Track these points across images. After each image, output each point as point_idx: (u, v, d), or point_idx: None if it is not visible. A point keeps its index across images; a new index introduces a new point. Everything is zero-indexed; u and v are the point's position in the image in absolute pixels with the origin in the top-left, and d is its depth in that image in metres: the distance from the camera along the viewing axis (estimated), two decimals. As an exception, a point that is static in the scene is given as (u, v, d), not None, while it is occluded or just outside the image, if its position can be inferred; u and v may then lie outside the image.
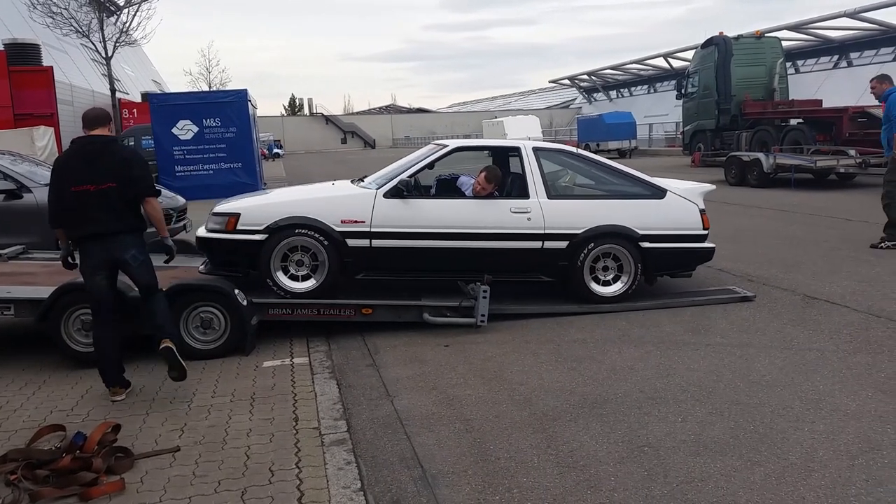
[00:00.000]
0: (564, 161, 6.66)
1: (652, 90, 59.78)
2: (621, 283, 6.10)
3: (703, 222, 6.22)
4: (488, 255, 5.89)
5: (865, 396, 3.99)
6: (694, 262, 6.39)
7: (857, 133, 15.82)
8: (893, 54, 39.22)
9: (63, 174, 4.34)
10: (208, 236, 5.78)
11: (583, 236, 5.94)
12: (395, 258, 5.81)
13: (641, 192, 6.27)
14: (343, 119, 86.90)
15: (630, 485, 3.15)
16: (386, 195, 5.79)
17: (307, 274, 5.65)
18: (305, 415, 3.97)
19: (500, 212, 5.93)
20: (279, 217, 5.60)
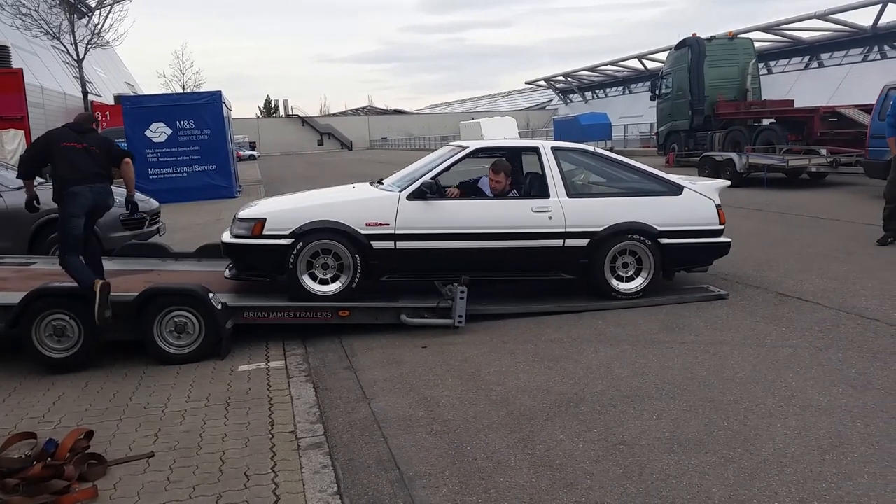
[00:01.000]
0: (583, 160, 6.74)
1: (627, 91, 60.26)
2: (641, 278, 6.19)
3: (719, 217, 6.33)
4: (511, 254, 5.99)
5: (836, 392, 4.05)
6: (711, 256, 6.49)
7: (828, 133, 16.07)
8: (862, 55, 39.94)
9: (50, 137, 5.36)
10: (235, 242, 5.80)
11: (603, 234, 6.04)
12: (420, 259, 5.88)
13: (659, 189, 6.37)
14: (319, 121, 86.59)
15: (606, 483, 3.17)
16: (409, 197, 5.86)
17: (333, 276, 5.71)
18: (281, 419, 3.95)
19: (522, 211, 6.01)
20: (305, 221, 5.65)
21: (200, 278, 5.88)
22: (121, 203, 6.60)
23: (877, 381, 4.18)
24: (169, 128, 17.66)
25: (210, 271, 6.70)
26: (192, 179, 17.94)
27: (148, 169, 17.52)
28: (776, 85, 37.96)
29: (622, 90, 61.61)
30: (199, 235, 10.64)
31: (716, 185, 6.60)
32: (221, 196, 17.97)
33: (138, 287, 5.17)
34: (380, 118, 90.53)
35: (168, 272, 6.56)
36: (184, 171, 17.93)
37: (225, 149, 18.45)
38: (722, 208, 6.39)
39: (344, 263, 5.70)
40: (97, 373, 4.87)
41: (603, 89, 65.15)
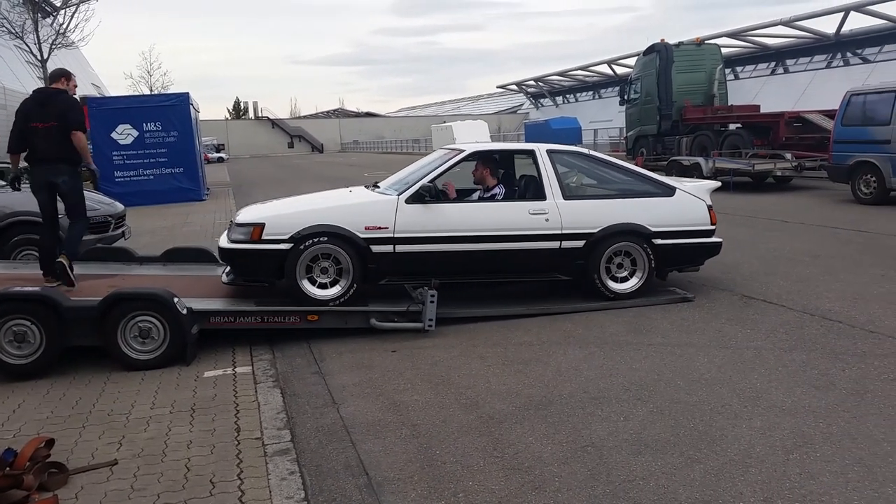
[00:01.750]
0: (578, 162, 6.81)
1: (597, 96, 60.84)
2: (636, 278, 6.29)
3: (710, 218, 6.46)
4: (509, 256, 6.04)
5: (800, 393, 4.11)
6: (703, 256, 6.60)
7: (793, 137, 16.35)
8: (826, 61, 40.82)
9: (22, 113, 5.87)
10: (233, 247, 5.75)
11: (598, 235, 6.13)
12: (419, 262, 5.89)
13: (652, 191, 6.48)
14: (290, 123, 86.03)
15: (574, 485, 3.18)
16: (408, 201, 5.89)
17: (332, 281, 5.72)
18: (248, 425, 3.90)
19: (519, 214, 6.08)
20: (305, 225, 5.65)
21: (166, 283, 5.80)
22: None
23: (839, 381, 4.25)
24: (135, 130, 17.40)
25: (176, 275, 6.62)
26: (158, 182, 17.70)
27: (114, 172, 17.25)
28: (743, 90, 38.63)
29: (592, 95, 62.18)
30: (166, 239, 10.49)
31: (707, 187, 6.74)
32: (189, 199, 17.76)
33: (102, 292, 5.07)
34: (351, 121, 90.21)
35: (133, 276, 6.45)
36: (150, 174, 17.69)
37: (192, 151, 18.23)
38: (713, 209, 6.52)
39: (343, 267, 5.71)
40: (60, 379, 4.77)
41: (573, 94, 65.69)
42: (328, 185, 23.66)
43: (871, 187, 12.10)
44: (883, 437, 3.49)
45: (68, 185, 5.95)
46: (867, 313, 5.60)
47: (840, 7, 35.93)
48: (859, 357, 4.65)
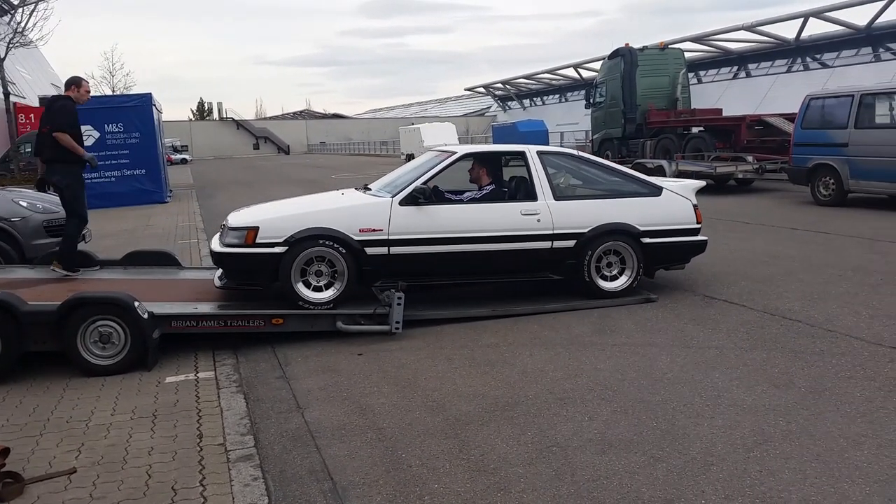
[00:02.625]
0: (567, 163, 6.89)
1: (563, 99, 61.37)
2: (625, 277, 6.40)
3: (696, 217, 6.61)
4: (502, 256, 6.11)
5: (760, 391, 4.18)
6: (689, 254, 6.73)
7: (755, 140, 16.67)
8: (787, 66, 41.69)
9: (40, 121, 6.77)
10: (226, 251, 5.72)
11: (589, 235, 6.24)
12: (413, 264, 5.93)
13: (640, 191, 6.60)
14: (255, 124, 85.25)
15: (539, 485, 3.19)
16: (402, 203, 5.93)
17: (327, 284, 5.72)
18: (210, 431, 3.84)
19: (511, 214, 6.15)
20: (299, 229, 5.64)
21: (127, 286, 5.70)
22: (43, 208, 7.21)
23: (798, 379, 4.34)
24: (97, 131, 17.08)
25: (137, 279, 6.52)
26: (120, 184, 17.41)
27: (74, 173, 16.87)
28: (706, 94, 39.29)
29: (559, 98, 62.71)
30: (127, 242, 10.31)
31: (692, 186, 6.88)
32: (151, 201, 17.50)
33: (61, 296, 4.97)
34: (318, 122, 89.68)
35: (93, 280, 6.33)
36: (112, 176, 17.39)
37: (155, 153, 17.96)
38: (698, 208, 6.66)
39: (338, 270, 5.71)
40: (16, 386, 4.65)
41: (540, 97, 66.16)
42: (295, 187, 23.57)
43: (830, 189, 12.38)
44: (840, 434, 3.57)
45: (62, 182, 6.70)
46: (825, 313, 5.73)
47: (800, 13, 36.76)
48: (818, 355, 4.75)
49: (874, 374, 4.35)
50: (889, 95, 12.03)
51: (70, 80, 6.89)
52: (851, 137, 11.87)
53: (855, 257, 7.87)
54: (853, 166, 11.84)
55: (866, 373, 4.38)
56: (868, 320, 5.46)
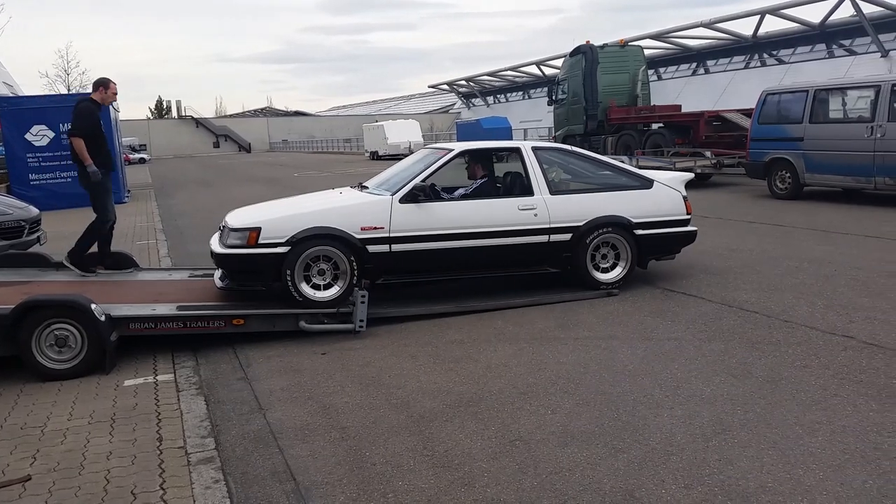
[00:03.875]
0: (561, 158, 7.04)
1: (527, 96, 61.70)
2: (620, 268, 6.55)
3: (686, 208, 6.79)
4: (501, 251, 6.22)
5: (719, 381, 4.26)
6: (680, 244, 6.91)
7: (713, 136, 16.91)
8: (745, 62, 42.49)
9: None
10: (229, 252, 5.72)
11: (584, 228, 6.37)
12: (414, 261, 6.02)
13: (632, 184, 6.74)
14: (215, 122, 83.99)
15: (502, 479, 3.21)
16: (402, 200, 5.99)
17: (329, 283, 5.76)
18: (170, 434, 3.79)
19: (509, 210, 6.25)
20: (301, 228, 5.68)
21: (83, 289, 5.58)
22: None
23: (755, 369, 4.43)
24: (52, 131, 16.70)
25: (94, 281, 6.38)
26: (76, 185, 16.78)
27: (29, 174, 16.52)
28: (666, 90, 39.84)
29: (522, 95, 63.02)
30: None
31: (681, 178, 7.07)
32: (110, 202, 17.11)
33: (15, 299, 4.85)
34: (280, 119, 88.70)
35: (48, 283, 6.19)
36: (68, 176, 16.93)
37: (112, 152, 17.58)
38: (688, 199, 6.83)
39: (340, 268, 5.76)
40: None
41: (504, 94, 66.42)
42: (257, 186, 23.31)
43: (786, 183, 12.63)
44: (795, 422, 3.65)
45: (82, 183, 6.92)
46: (782, 303, 5.85)
47: (756, 10, 37.46)
48: (774, 345, 4.85)
49: (828, 363, 4.45)
50: (842, 91, 12.34)
51: (98, 81, 6.95)
52: (806, 132, 12.13)
53: (810, 249, 8.05)
54: (808, 160, 12.10)
55: (821, 361, 4.49)
56: (823, 310, 5.59)
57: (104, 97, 6.94)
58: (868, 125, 10.97)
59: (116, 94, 7.12)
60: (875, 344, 4.74)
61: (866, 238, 8.59)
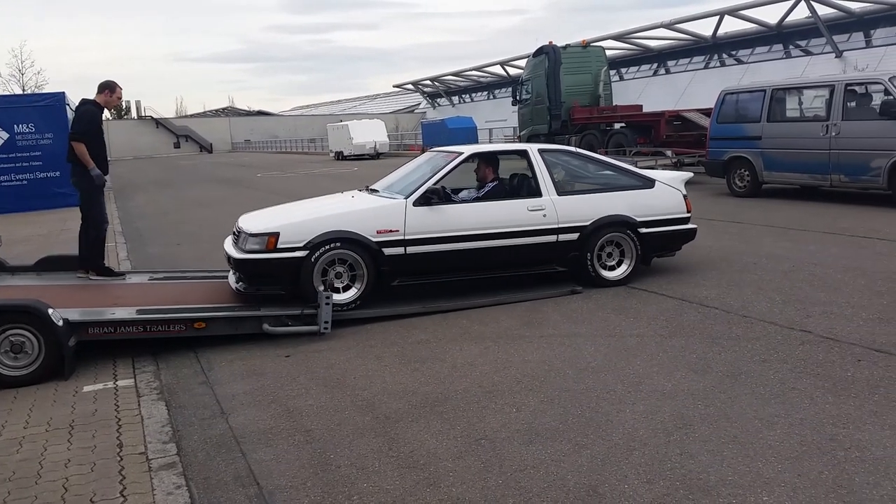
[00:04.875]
0: (566, 159, 7.20)
1: (491, 96, 61.94)
2: (625, 266, 6.72)
3: (686, 206, 6.99)
4: (511, 251, 6.37)
5: (680, 376, 4.32)
6: (681, 242, 7.11)
7: (673, 135, 17.17)
8: (704, 62, 43.23)
9: None
10: (249, 257, 5.78)
11: (591, 227, 6.53)
12: (428, 262, 6.16)
13: (635, 184, 6.93)
14: (175, 122, 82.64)
15: (468, 478, 3.22)
16: (415, 203, 6.13)
17: (346, 285, 5.91)
18: (131, 440, 3.72)
19: (519, 211, 6.41)
20: (319, 232, 5.80)
21: (40, 293, 5.45)
22: None
23: (715, 364, 4.50)
24: (5, 132, 16.28)
25: (51, 285, 6.25)
26: (33, 187, 16.61)
27: (-19, 177, 16.06)
28: (627, 91, 40.33)
29: (487, 95, 63.25)
30: (41, 247, 9.88)
31: (681, 177, 7.27)
32: (66, 205, 16.66)
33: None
34: (242, 119, 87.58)
35: (3, 287, 6.03)
36: (23, 179, 16.59)
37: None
38: (688, 198, 7.02)
39: (357, 271, 5.91)
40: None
41: (469, 94, 66.58)
42: (220, 187, 23.02)
43: (745, 181, 12.87)
44: (755, 415, 3.72)
45: (78, 186, 6.85)
46: (741, 299, 5.96)
47: (716, 11, 38.17)
48: (734, 340, 4.94)
49: (786, 357, 4.55)
50: (798, 90, 12.62)
51: (103, 84, 6.88)
52: (764, 131, 12.37)
53: (769, 245, 8.22)
54: (766, 158, 12.35)
55: (779, 356, 4.58)
56: (781, 305, 5.71)
57: (108, 100, 6.90)
58: (823, 124, 11.23)
59: (121, 98, 7.08)
60: (832, 338, 4.85)
61: (823, 234, 8.80)
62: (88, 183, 6.77)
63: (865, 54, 33.47)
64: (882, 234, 8.50)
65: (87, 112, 6.76)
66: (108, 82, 6.92)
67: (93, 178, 6.72)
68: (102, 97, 6.86)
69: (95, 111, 6.83)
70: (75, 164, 6.74)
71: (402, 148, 48.44)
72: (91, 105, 6.81)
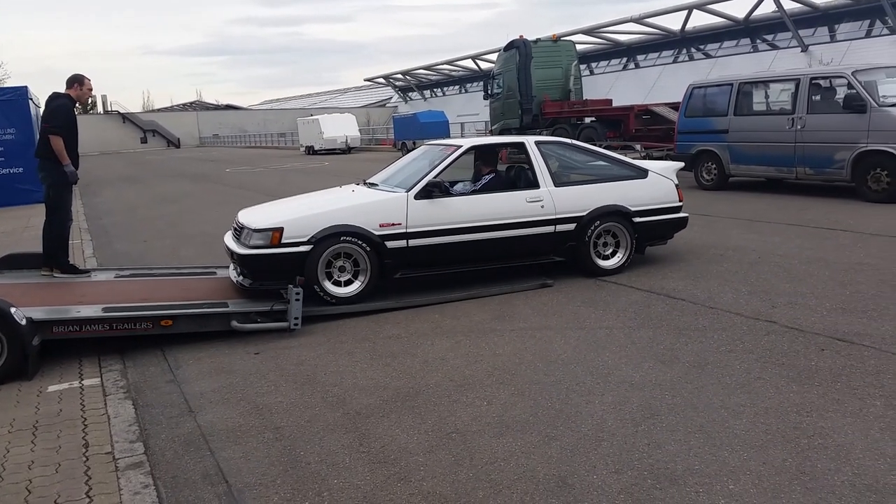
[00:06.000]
0: (562, 151, 7.25)
1: (463, 90, 61.93)
2: (620, 254, 6.87)
3: (678, 196, 7.14)
4: (511, 242, 6.48)
5: (647, 367, 4.38)
6: (674, 230, 7.26)
7: (642, 129, 17.37)
8: (673, 57, 43.62)
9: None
10: (255, 252, 5.82)
11: (587, 217, 6.65)
12: (430, 254, 6.24)
13: (629, 174, 7.06)
14: (142, 117, 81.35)
15: (439, 472, 3.22)
16: (416, 196, 6.20)
17: (349, 279, 5.99)
18: (97, 440, 3.66)
19: (518, 203, 6.51)
20: (323, 227, 5.87)
21: (3, 291, 5.33)
22: None
23: (682, 355, 4.56)
24: (-38, 126, 15.88)
25: (14, 283, 6.12)
26: (-11, 184, 16.25)
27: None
28: (597, 85, 40.56)
29: (459, 89, 63.21)
30: (4, 245, 9.69)
31: (673, 167, 7.44)
32: (30, 201, 16.36)
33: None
34: (210, 114, 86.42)
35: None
36: (-22, 175, 16.22)
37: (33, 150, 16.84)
38: (679, 187, 7.18)
39: (360, 265, 5.99)
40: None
41: (441, 88, 66.46)
42: (187, 182, 22.73)
43: (713, 174, 13.04)
44: (721, 405, 3.78)
45: (46, 181, 6.74)
46: (708, 290, 6.05)
47: (684, 5, 38.50)
48: (700, 331, 5.01)
49: (752, 347, 4.62)
50: (764, 84, 12.80)
51: (72, 78, 6.83)
52: (731, 124, 12.53)
53: (735, 237, 8.35)
54: (733, 151, 12.52)
55: (745, 346, 4.66)
56: (746, 296, 5.80)
57: (80, 94, 6.84)
58: (789, 117, 11.42)
59: (92, 90, 6.99)
60: (796, 328, 4.94)
61: (788, 226, 8.96)
62: (58, 178, 6.68)
63: (830, 48, 34.07)
64: (845, 226, 8.68)
65: (63, 106, 6.71)
66: (77, 76, 6.86)
67: (66, 173, 6.65)
68: (74, 91, 6.81)
69: (70, 104, 6.79)
70: (45, 158, 6.65)
71: (374, 142, 48.23)
72: (65, 99, 6.77)
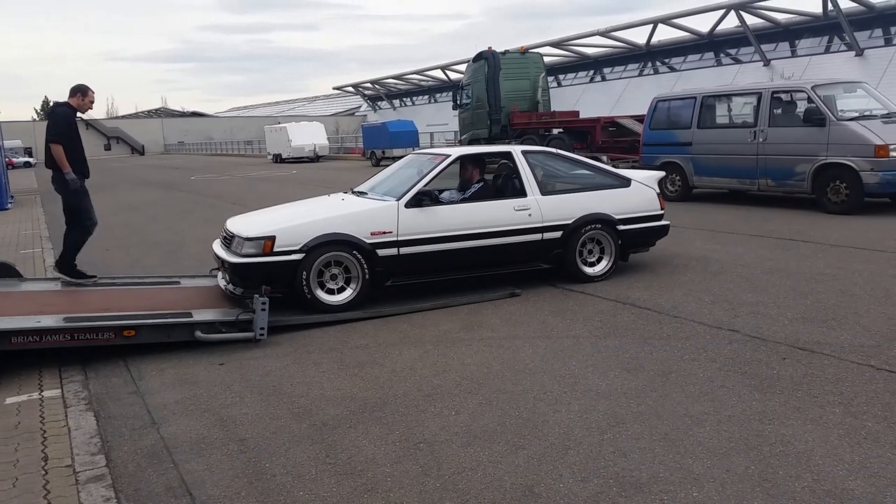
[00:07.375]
0: (547, 160, 7.37)
1: (433, 100, 62.12)
2: (605, 262, 7.02)
3: (660, 204, 7.33)
4: (499, 250, 6.58)
5: (613, 376, 4.42)
6: (656, 237, 7.45)
7: (609, 140, 17.58)
8: (639, 70, 44.30)
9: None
10: (247, 261, 5.85)
11: (573, 225, 6.80)
12: (420, 262, 6.34)
13: (612, 183, 7.22)
14: (106, 124, 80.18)
15: (406, 483, 3.21)
16: (407, 205, 6.29)
17: (341, 287, 6.07)
18: (57, 453, 3.58)
19: (506, 211, 6.63)
20: (315, 235, 5.93)
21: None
22: None
23: (647, 364, 4.62)
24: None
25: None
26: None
27: None
28: (565, 97, 41.06)
29: (428, 99, 63.39)
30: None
31: (655, 176, 7.59)
32: (-10, 209, 16.08)
33: None
34: (176, 121, 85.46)
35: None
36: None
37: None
38: (661, 196, 7.38)
39: (352, 273, 6.07)
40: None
41: (410, 97, 66.59)
42: (152, 189, 22.41)
43: (676, 185, 13.24)
44: (685, 413, 3.83)
45: (59, 191, 6.87)
46: (672, 300, 6.13)
47: (650, 19, 39.19)
48: (665, 340, 5.08)
49: (715, 356, 4.70)
50: (727, 97, 13.05)
51: (75, 88, 6.87)
52: (695, 137, 12.75)
53: (698, 248, 8.48)
54: (696, 164, 12.74)
55: (708, 355, 4.73)
56: (710, 306, 5.90)
57: (81, 104, 6.86)
58: (751, 130, 11.66)
59: (94, 102, 6.95)
60: (758, 337, 5.03)
61: (750, 237, 9.13)
62: (66, 188, 6.78)
63: (791, 63, 34.93)
64: (806, 237, 8.87)
65: (63, 114, 6.76)
66: (81, 86, 6.91)
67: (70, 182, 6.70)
68: (75, 100, 6.83)
69: (70, 113, 6.83)
70: (54, 168, 6.74)
71: (343, 151, 48.05)
72: (65, 107, 6.82)
